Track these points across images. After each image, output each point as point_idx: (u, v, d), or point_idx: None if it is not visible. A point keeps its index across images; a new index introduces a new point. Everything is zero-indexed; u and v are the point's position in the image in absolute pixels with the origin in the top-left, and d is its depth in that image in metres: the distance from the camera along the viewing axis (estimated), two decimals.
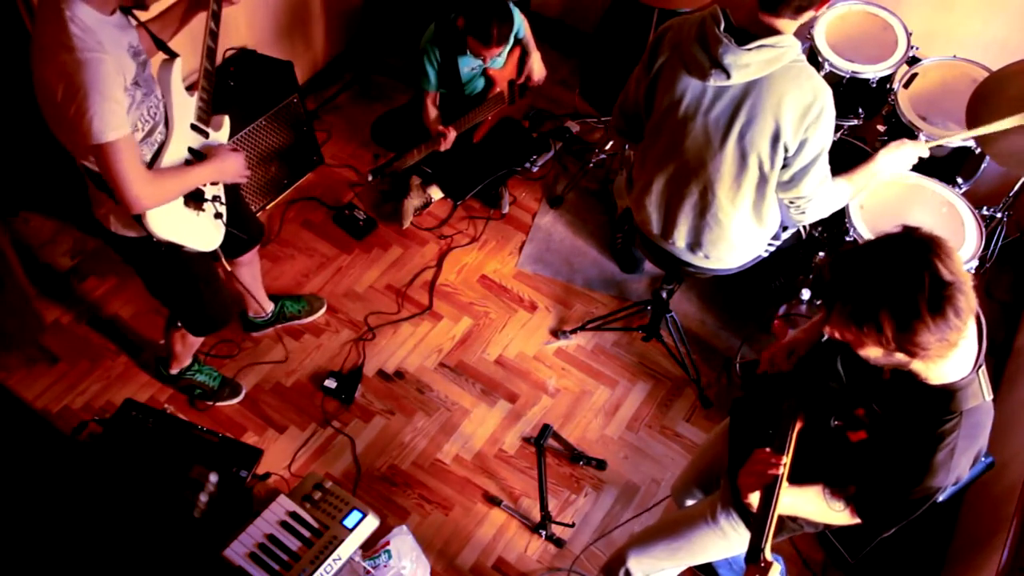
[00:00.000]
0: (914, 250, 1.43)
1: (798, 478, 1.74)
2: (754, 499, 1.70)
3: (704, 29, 2.09)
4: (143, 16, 2.15)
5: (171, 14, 2.26)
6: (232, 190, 2.54)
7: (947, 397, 1.56)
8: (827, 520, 1.81)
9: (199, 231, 2.31)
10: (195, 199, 2.28)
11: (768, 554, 1.60)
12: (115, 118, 1.88)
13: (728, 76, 2.07)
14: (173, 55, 2.17)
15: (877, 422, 1.68)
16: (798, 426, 1.79)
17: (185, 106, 2.21)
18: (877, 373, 1.67)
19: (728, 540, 2.09)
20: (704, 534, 2.12)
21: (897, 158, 2.43)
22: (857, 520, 1.76)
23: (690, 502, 2.45)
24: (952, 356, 1.49)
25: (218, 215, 2.39)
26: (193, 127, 2.24)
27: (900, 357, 1.47)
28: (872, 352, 1.49)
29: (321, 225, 3.53)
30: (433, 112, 3.35)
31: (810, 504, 1.77)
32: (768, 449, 1.73)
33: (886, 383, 1.66)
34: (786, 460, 1.71)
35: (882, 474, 1.67)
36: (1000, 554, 2.22)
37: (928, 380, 1.56)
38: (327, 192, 3.63)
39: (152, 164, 2.13)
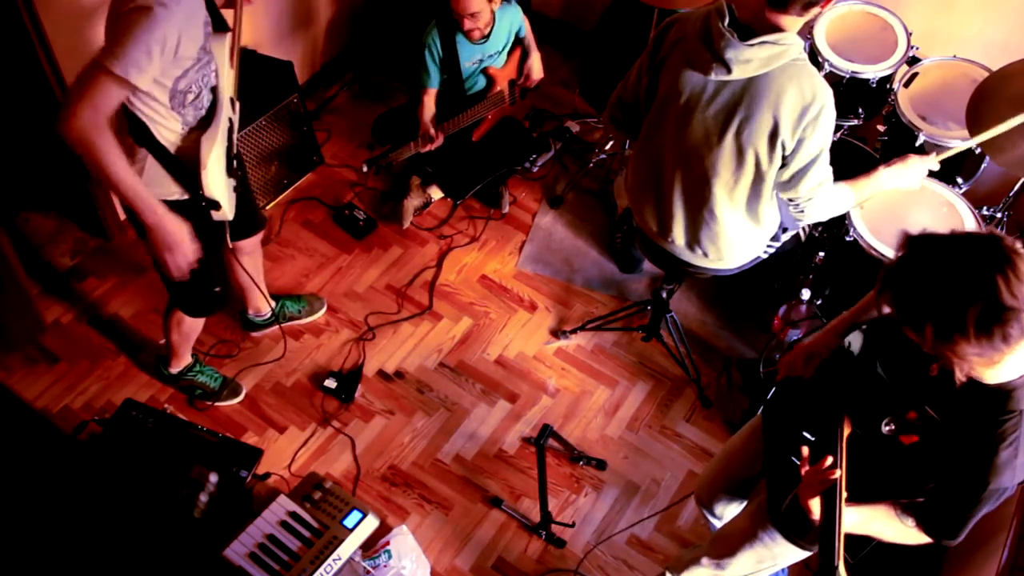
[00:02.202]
0: (986, 260, 1.34)
1: (858, 488, 1.68)
2: (815, 508, 1.64)
3: (708, 24, 2.09)
4: None
5: None
6: (242, 176, 2.57)
7: (1003, 397, 1.50)
8: (901, 539, 1.75)
9: (229, 197, 2.37)
10: (227, 170, 2.35)
11: (843, 571, 1.55)
12: (135, 66, 1.90)
13: (729, 71, 2.07)
14: (226, 28, 2.20)
15: (930, 425, 1.61)
16: (846, 432, 1.73)
17: (229, 79, 2.26)
18: (923, 371, 1.61)
19: (773, 556, 2.08)
20: (752, 551, 2.10)
21: (901, 175, 2.41)
22: (927, 539, 1.71)
23: (719, 508, 2.42)
24: (1004, 361, 1.43)
25: (236, 188, 2.44)
26: (231, 100, 2.30)
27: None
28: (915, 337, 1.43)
29: (321, 225, 3.53)
30: (430, 110, 3.35)
31: (882, 523, 1.72)
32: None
33: (934, 381, 1.59)
34: (839, 472, 1.64)
35: (943, 479, 1.61)
36: (1000, 554, 2.22)
37: (982, 379, 1.50)
38: (327, 192, 3.63)
39: (204, 128, 2.19)
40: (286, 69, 3.35)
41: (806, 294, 2.85)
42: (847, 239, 2.69)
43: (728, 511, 2.43)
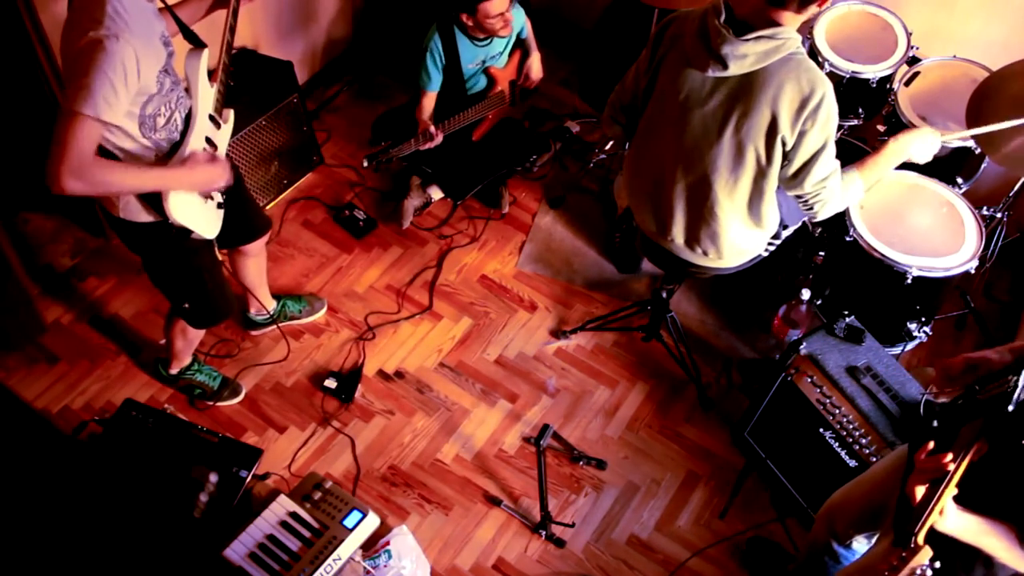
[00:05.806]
0: None
1: (979, 500, 1.60)
2: (918, 493, 1.59)
3: (705, 21, 2.09)
4: (170, 0, 2.19)
5: (197, 4, 2.30)
6: (237, 183, 2.55)
7: None
8: (1012, 563, 1.67)
9: (206, 218, 2.35)
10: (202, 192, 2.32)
11: (921, 539, 1.51)
12: (104, 101, 1.88)
13: (725, 67, 2.07)
14: (201, 45, 2.20)
15: None
16: (976, 447, 1.64)
17: (207, 96, 2.25)
18: None
19: None
20: None
21: (912, 143, 2.34)
22: None
23: (853, 536, 2.22)
24: None
25: (220, 205, 2.42)
26: (210, 117, 2.28)
27: None
28: None
29: (321, 225, 3.53)
30: (428, 110, 3.35)
31: (997, 542, 1.64)
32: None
33: None
34: (954, 466, 1.56)
35: None
36: None
37: None
38: (327, 192, 3.63)
39: (175, 151, 2.17)
40: (286, 69, 3.35)
41: (806, 294, 2.85)
42: (847, 239, 2.69)
43: (864, 543, 2.25)
